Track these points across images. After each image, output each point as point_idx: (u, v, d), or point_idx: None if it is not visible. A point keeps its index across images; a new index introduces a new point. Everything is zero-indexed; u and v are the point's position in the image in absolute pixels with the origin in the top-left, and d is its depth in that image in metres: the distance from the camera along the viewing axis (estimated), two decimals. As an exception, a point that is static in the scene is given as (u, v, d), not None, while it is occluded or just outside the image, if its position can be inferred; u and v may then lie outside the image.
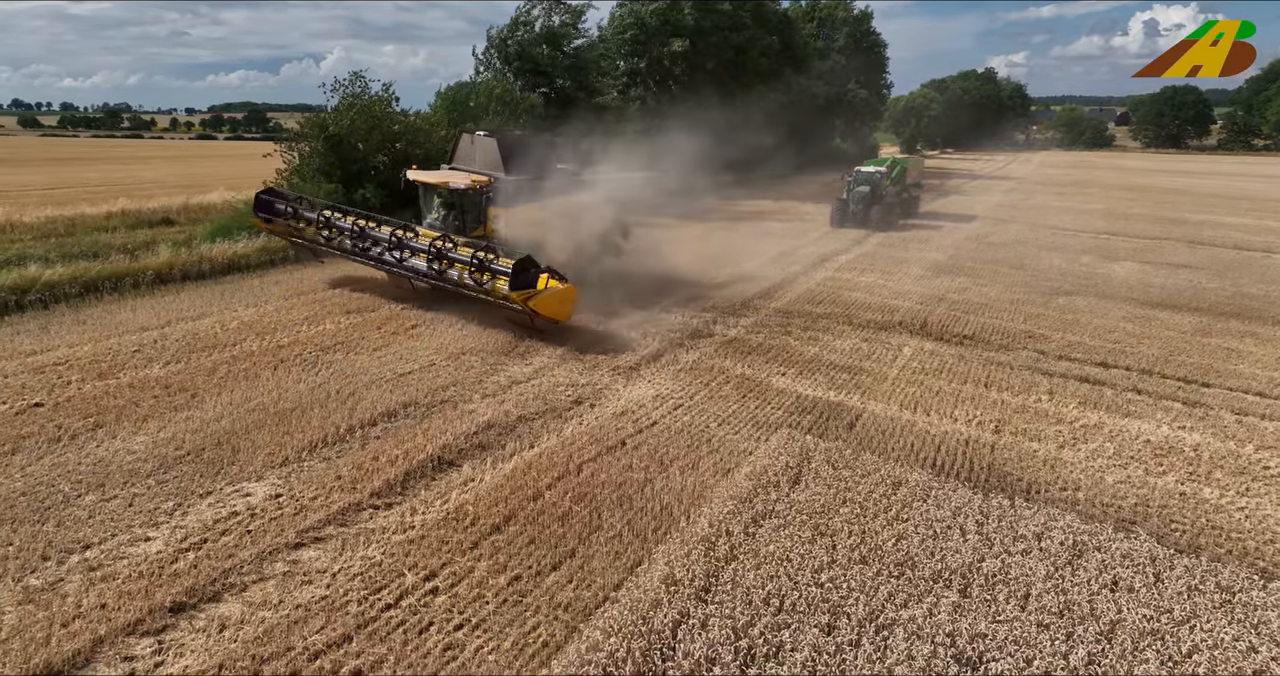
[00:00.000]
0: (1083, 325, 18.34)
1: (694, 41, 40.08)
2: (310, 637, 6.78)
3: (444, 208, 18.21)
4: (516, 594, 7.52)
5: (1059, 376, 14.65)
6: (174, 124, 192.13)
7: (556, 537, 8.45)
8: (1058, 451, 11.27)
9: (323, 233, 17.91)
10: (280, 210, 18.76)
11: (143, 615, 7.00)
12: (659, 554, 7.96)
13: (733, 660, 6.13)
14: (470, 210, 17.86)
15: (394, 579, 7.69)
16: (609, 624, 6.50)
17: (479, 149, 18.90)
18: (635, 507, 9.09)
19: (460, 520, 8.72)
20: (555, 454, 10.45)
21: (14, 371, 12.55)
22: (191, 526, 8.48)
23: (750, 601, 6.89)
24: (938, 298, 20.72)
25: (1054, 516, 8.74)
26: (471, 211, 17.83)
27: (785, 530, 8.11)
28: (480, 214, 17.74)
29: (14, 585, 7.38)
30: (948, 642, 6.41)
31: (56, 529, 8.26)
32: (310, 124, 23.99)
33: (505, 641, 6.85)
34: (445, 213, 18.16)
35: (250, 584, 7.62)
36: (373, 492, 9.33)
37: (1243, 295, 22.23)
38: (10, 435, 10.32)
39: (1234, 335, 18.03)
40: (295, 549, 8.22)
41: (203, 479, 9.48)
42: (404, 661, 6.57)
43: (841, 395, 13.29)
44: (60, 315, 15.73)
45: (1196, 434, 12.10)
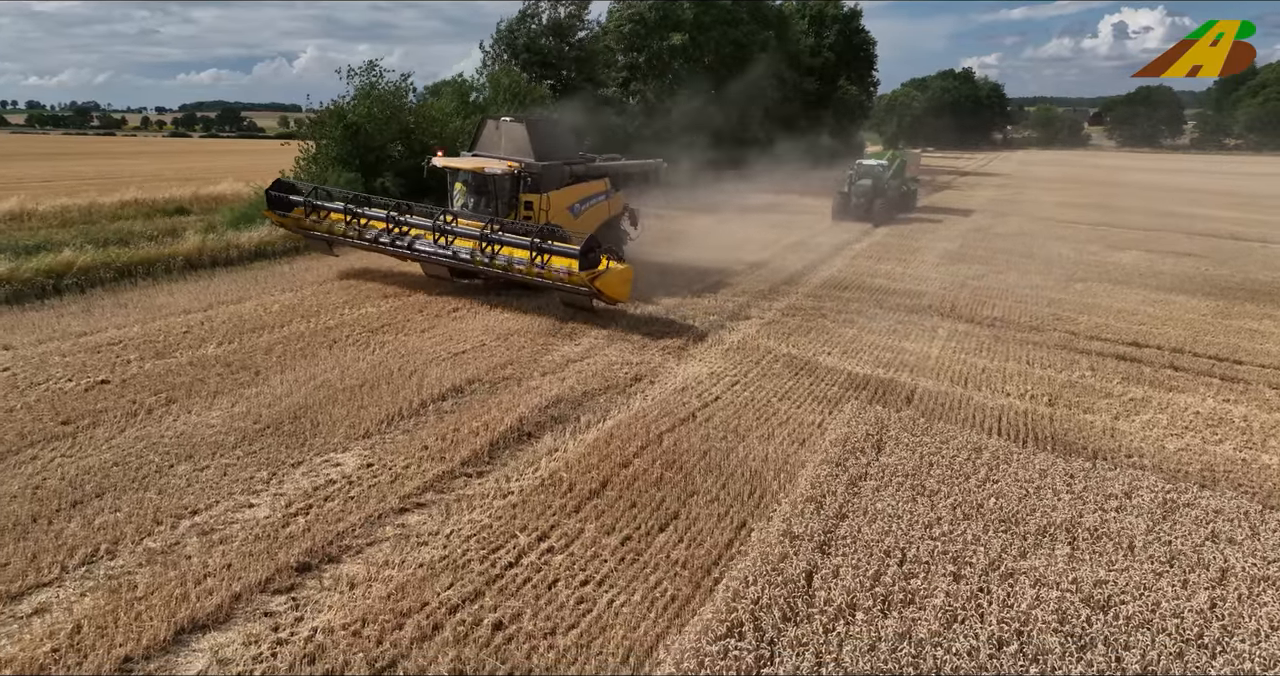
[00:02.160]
0: (1104, 308, 18.72)
1: (693, 36, 40.27)
2: (442, 594, 6.86)
3: (474, 194, 17.92)
4: (631, 553, 7.63)
5: (1095, 355, 14.97)
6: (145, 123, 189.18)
7: (656, 501, 8.57)
8: (1113, 422, 11.55)
9: (352, 223, 17.37)
10: (294, 202, 18.33)
11: (271, 574, 7.04)
12: (772, 512, 8.11)
13: (872, 605, 6.29)
14: (503, 196, 17.57)
15: (507, 540, 7.77)
16: (745, 574, 6.64)
17: (504, 134, 18.65)
18: (725, 473, 9.24)
19: (557, 486, 8.81)
20: (631, 425, 10.57)
21: (69, 351, 12.47)
22: (291, 494, 8.52)
23: (872, 553, 7.06)
24: (959, 283, 21.04)
25: (1137, 477, 9.00)
26: (504, 197, 17.56)
27: (884, 491, 8.29)
28: (513, 200, 17.54)
29: (134, 547, 7.39)
30: (1073, 588, 6.62)
31: (159, 496, 8.26)
32: (328, 112, 23.88)
33: (634, 595, 6.96)
34: (476, 199, 17.87)
35: (365, 546, 7.67)
36: (463, 461, 9.40)
37: (1252, 281, 22.77)
38: (86, 409, 10.27)
39: (1253, 317, 18.49)
40: (400, 513, 8.29)
41: (289, 450, 9.50)
42: (540, 614, 6.66)
43: (890, 372, 13.50)
44: (99, 298, 15.62)
45: (1241, 406, 12.44)
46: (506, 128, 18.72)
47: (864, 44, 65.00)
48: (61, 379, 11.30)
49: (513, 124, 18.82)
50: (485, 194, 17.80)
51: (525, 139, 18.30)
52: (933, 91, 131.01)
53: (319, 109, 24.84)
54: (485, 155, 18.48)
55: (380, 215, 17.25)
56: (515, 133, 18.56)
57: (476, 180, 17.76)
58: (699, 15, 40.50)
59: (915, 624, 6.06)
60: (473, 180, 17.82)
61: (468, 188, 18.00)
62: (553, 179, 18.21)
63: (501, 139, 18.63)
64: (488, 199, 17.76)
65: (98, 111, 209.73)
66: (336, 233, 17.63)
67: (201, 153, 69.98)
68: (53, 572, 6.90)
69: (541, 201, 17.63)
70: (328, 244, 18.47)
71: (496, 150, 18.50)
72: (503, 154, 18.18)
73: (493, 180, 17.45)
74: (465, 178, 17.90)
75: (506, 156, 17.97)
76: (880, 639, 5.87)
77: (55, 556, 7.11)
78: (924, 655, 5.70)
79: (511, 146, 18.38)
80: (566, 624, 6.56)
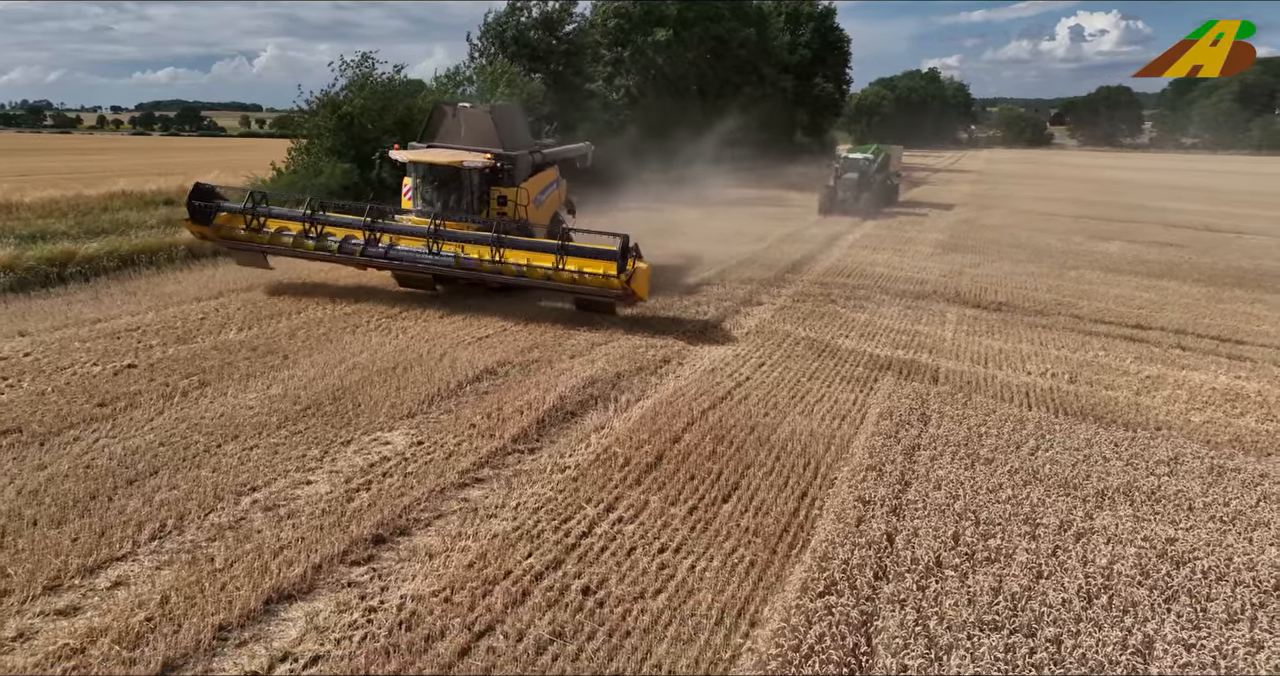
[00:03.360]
0: (1101, 294, 19.13)
1: (677, 32, 40.38)
2: (523, 562, 6.84)
3: (439, 191, 16.02)
4: (700, 522, 7.67)
5: (1103, 336, 15.30)
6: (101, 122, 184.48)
7: (714, 474, 8.62)
8: (1135, 398, 11.82)
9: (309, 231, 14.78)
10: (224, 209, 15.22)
11: (347, 546, 6.98)
12: (834, 481, 8.20)
13: (959, 563, 6.40)
14: (475, 191, 15.88)
15: (575, 511, 7.77)
16: (828, 536, 6.71)
17: (465, 123, 16.78)
18: (775, 446, 9.32)
19: (612, 460, 8.83)
20: (673, 403, 10.62)
21: (87, 337, 12.22)
22: (347, 471, 8.44)
23: (945, 516, 7.18)
24: (956, 271, 21.36)
25: (1181, 445, 9.25)
26: (476, 192, 15.88)
27: (941, 459, 8.43)
28: (484, 195, 16.02)
29: (200, 522, 7.29)
30: (1147, 546, 6.79)
31: (214, 474, 8.14)
32: (321, 103, 23.59)
33: (713, 561, 7.01)
34: (441, 196, 15.97)
35: (433, 519, 7.63)
36: (513, 438, 9.39)
37: (1236, 268, 23.40)
38: (120, 392, 10.08)
39: (1244, 301, 19.01)
40: (461, 488, 8.25)
41: (335, 429, 9.41)
42: (626, 579, 6.68)
43: (910, 353, 13.67)
44: (105, 286, 15.33)
45: (1253, 382, 12.78)
46: (467, 115, 16.98)
47: (838, 42, 65.60)
48: (86, 363, 11.08)
49: (474, 111, 17.19)
50: (454, 190, 15.97)
51: (491, 128, 16.65)
52: (900, 91, 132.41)
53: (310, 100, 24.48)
54: (443, 146, 16.49)
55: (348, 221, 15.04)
56: (478, 121, 16.88)
57: (444, 174, 15.89)
58: (683, 11, 40.64)
59: (1004, 580, 6.18)
60: (439, 175, 15.93)
61: (428, 183, 16.11)
62: (523, 170, 16.99)
63: (461, 128, 16.77)
64: (457, 195, 15.93)
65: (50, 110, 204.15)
66: (286, 244, 14.92)
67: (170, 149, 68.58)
68: (124, 547, 6.78)
69: (519, 195, 16.35)
70: (263, 255, 15.36)
71: (456, 140, 16.58)
72: (463, 144, 16.39)
73: (468, 174, 15.77)
74: (424, 171, 15.99)
75: (468, 147, 16.23)
76: (977, 592, 5.96)
77: (124, 531, 6.98)
78: (1021, 607, 5.81)
79: (474, 136, 16.60)
80: (653, 588, 6.58)
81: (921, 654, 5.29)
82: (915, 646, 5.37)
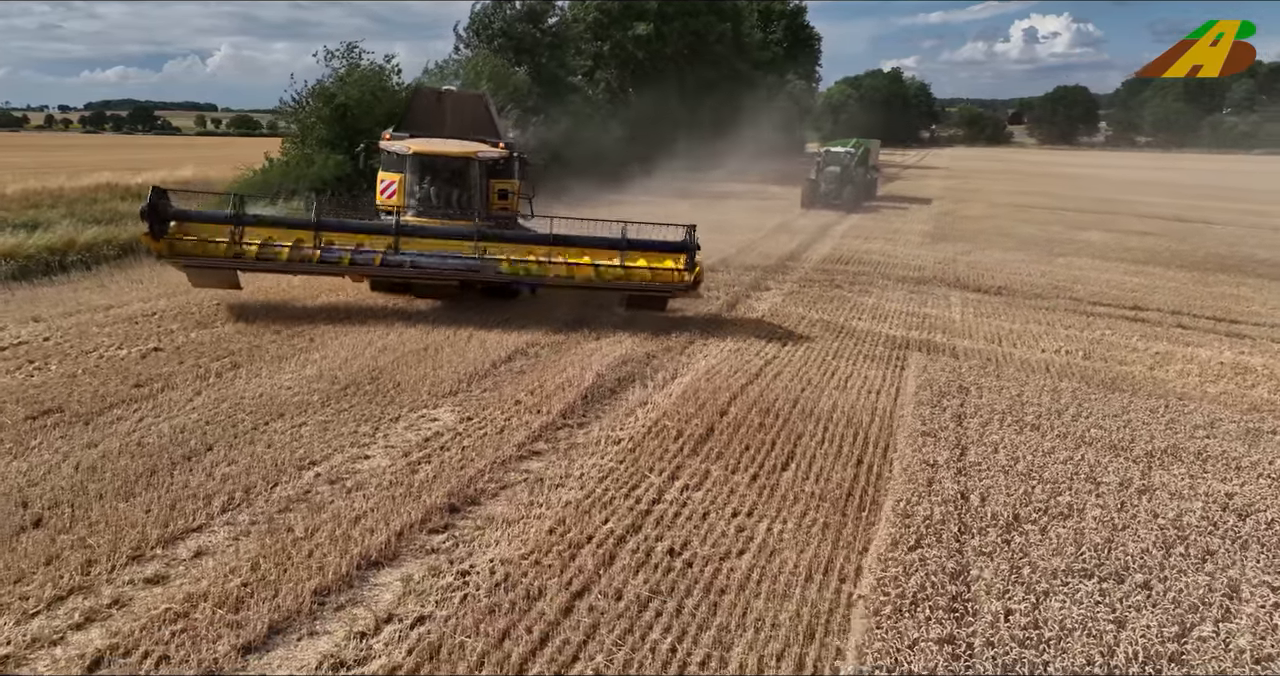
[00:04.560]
0: (1093, 279, 19.61)
1: (656, 26, 40.53)
2: (601, 526, 6.88)
3: (444, 186, 14.05)
4: (764, 488, 7.77)
5: (1105, 317, 15.70)
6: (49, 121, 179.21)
7: (767, 444, 8.73)
8: (1149, 372, 12.15)
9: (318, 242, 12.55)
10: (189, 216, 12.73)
11: (424, 515, 6.96)
12: (889, 447, 8.35)
13: (1037, 517, 6.56)
14: (481, 186, 14.17)
15: (640, 480, 7.82)
16: (904, 496, 6.84)
17: (452, 109, 15.16)
18: (822, 418, 9.46)
19: (664, 433, 8.89)
20: (710, 379, 10.72)
21: (104, 322, 12.00)
22: (402, 445, 8.40)
23: (1010, 476, 7.36)
24: (950, 259, 21.74)
25: (1214, 411, 9.57)
26: (481, 187, 14.17)
27: (990, 426, 8.63)
28: (487, 189, 14.39)
29: (268, 494, 7.21)
30: (1208, 500, 7.02)
31: (268, 450, 8.06)
32: (314, 93, 23.31)
33: (787, 524, 7.10)
34: (449, 192, 14.05)
35: (499, 490, 7.63)
36: (560, 413, 9.41)
37: (1215, 255, 24.11)
38: (153, 374, 9.91)
39: (1228, 285, 19.61)
40: (520, 460, 8.27)
41: (379, 407, 9.36)
42: (707, 541, 6.74)
43: (925, 334, 13.91)
44: (108, 275, 15.06)
45: (1257, 357, 13.21)
46: (455, 100, 15.45)
47: (809, 39, 66.29)
48: (110, 347, 10.87)
49: (465, 95, 15.83)
50: (456, 185, 14.06)
51: (484, 113, 15.31)
52: (865, 90, 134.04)
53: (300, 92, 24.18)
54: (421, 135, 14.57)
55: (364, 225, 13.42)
56: (469, 106, 15.39)
57: (449, 168, 14.00)
58: (662, 5, 40.78)
59: (1082, 532, 6.35)
60: (440, 169, 13.99)
61: (424, 178, 14.06)
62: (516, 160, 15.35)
63: (447, 114, 15.08)
64: (460, 191, 14.05)
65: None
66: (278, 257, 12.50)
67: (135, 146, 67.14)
68: (198, 519, 6.69)
69: (525, 188, 15.08)
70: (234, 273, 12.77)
71: (441, 128, 14.80)
72: (450, 133, 14.68)
73: (476, 167, 14.04)
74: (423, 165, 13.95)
75: (456, 135, 14.62)
76: (1060, 544, 6.13)
77: (194, 504, 6.89)
78: (1105, 557, 5.99)
79: (463, 123, 14.98)
80: (736, 549, 6.66)
81: (1022, 598, 5.43)
82: (1015, 592, 5.51)
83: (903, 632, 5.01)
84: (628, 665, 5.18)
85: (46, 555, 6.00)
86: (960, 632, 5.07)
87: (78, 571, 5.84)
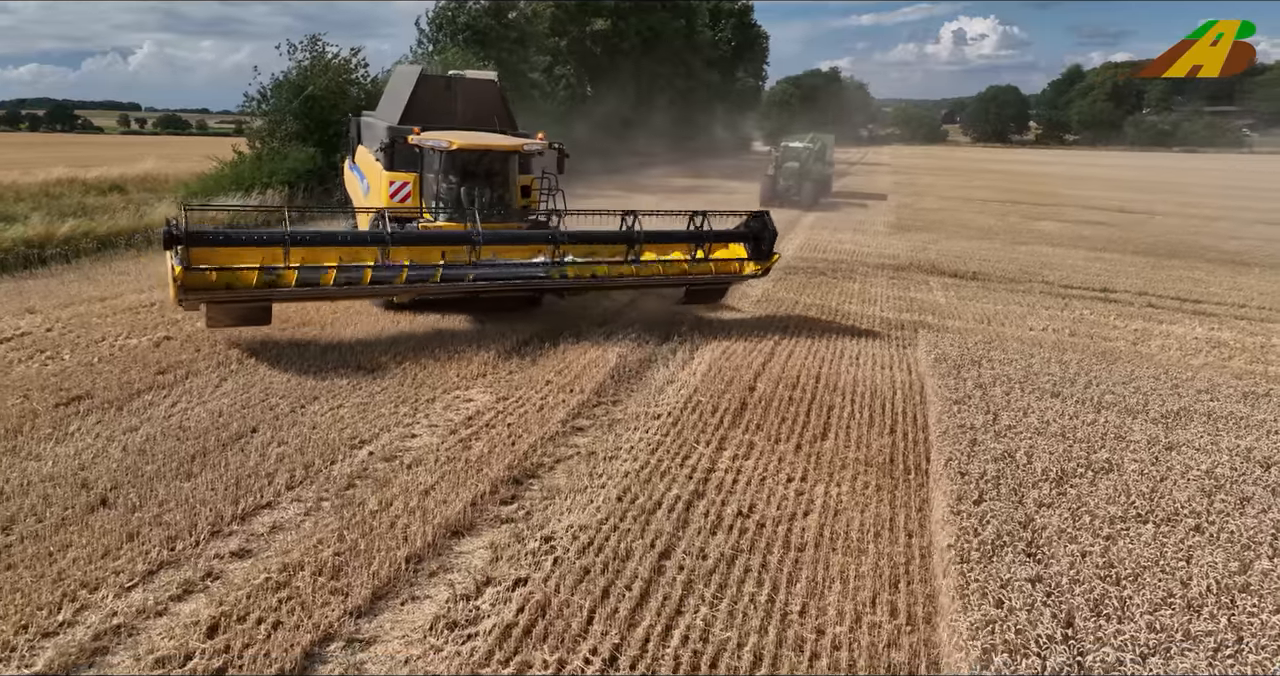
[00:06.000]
0: (1058, 264, 20.38)
1: (614, 22, 40.70)
2: (667, 493, 7.04)
3: (478, 184, 12.37)
4: (810, 456, 8.02)
5: (1079, 299, 16.37)
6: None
7: (800, 415, 8.99)
8: (1134, 347, 12.75)
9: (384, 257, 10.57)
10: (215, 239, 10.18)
11: (491, 486, 7.04)
12: (922, 413, 8.68)
13: (1083, 471, 6.94)
14: (513, 182, 12.88)
15: (692, 449, 8.00)
16: (953, 456, 7.14)
17: (463, 96, 13.84)
18: (846, 391, 9.78)
19: (700, 408, 9.09)
20: (729, 357, 10.96)
21: (102, 313, 11.72)
22: (445, 424, 8.44)
23: (1047, 436, 7.74)
24: (920, 248, 22.35)
25: (1213, 376, 10.13)
26: (512, 184, 12.89)
27: (1013, 393, 9.02)
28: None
29: (328, 471, 7.21)
30: (1232, 453, 7.49)
31: (313, 431, 8.03)
32: (283, 86, 22.88)
33: (841, 486, 7.36)
34: (482, 190, 12.37)
35: (554, 463, 7.74)
36: (594, 391, 9.55)
37: (1165, 243, 25.25)
38: (173, 361, 9.74)
39: (1183, 269, 20.59)
40: (567, 436, 8.39)
41: (411, 389, 9.36)
42: (771, 503, 6.96)
43: (915, 315, 14.36)
44: (91, 268, 14.65)
45: (1226, 332, 13.95)
46: (467, 87, 14.11)
47: (757, 38, 67.15)
48: (119, 336, 10.64)
49: (477, 82, 14.41)
50: (488, 182, 12.53)
51: (498, 100, 14.21)
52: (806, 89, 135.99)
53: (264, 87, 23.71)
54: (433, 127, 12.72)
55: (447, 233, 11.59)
56: (483, 93, 14.13)
57: (486, 164, 12.46)
58: (619, 2, 40.97)
59: (1127, 484, 6.74)
60: (476, 165, 12.38)
61: (455, 176, 12.36)
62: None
63: (458, 102, 13.85)
64: (493, 188, 12.54)
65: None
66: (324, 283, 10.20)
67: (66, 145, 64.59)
68: (266, 496, 6.67)
69: (555, 182, 13.75)
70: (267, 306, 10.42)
71: (451, 118, 13.53)
72: (461, 123, 13.43)
73: (515, 162, 12.84)
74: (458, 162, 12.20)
75: (468, 125, 13.38)
76: (1112, 495, 6.49)
77: (258, 482, 6.85)
78: (1155, 504, 6.37)
79: (475, 111, 13.77)
80: (801, 511, 6.89)
81: (1091, 542, 5.76)
82: (1083, 537, 5.84)
83: (994, 574, 5.28)
84: (732, 614, 5.36)
85: (126, 532, 5.94)
86: (1046, 572, 5.37)
87: (162, 546, 5.81)
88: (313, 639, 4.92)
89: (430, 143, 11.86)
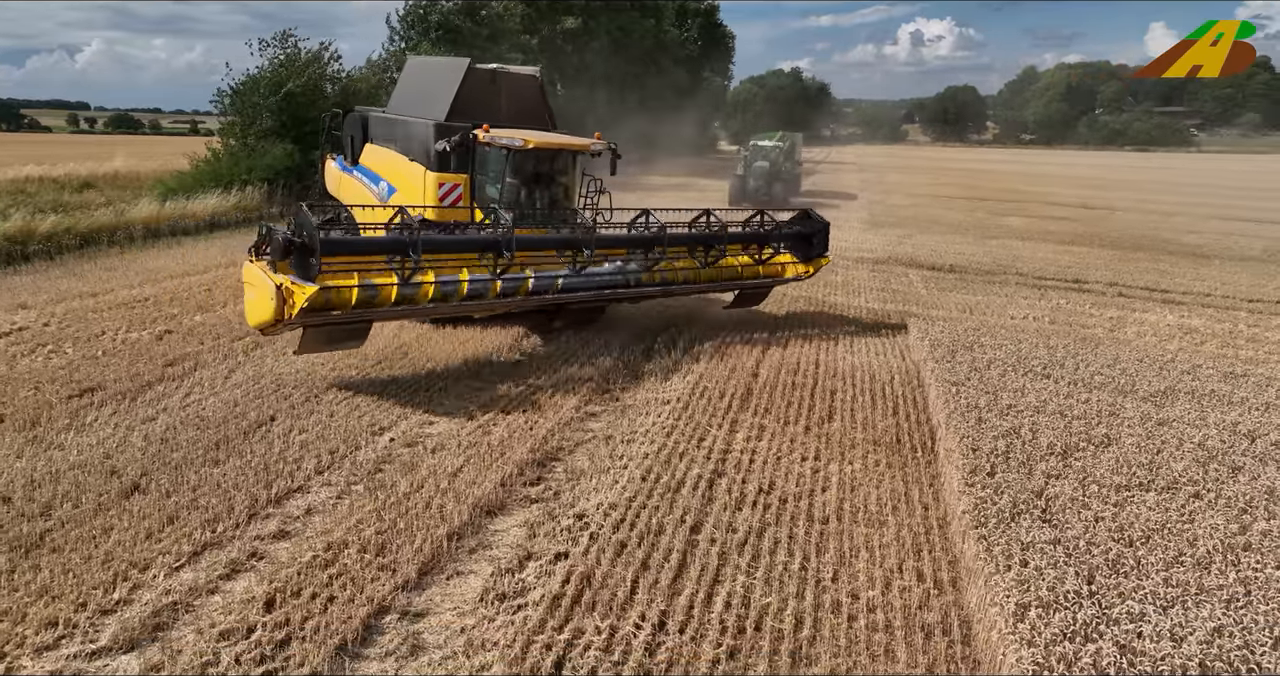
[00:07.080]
0: (1029, 258, 20.91)
1: (584, 21, 40.79)
2: (688, 472, 7.24)
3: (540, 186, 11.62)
4: (820, 437, 8.28)
5: (1054, 289, 16.88)
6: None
7: (805, 401, 9.25)
8: (1110, 333, 13.21)
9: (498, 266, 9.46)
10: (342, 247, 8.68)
11: (517, 468, 7.19)
12: (923, 396, 8.99)
13: (1084, 445, 7.27)
14: (574, 184, 12.25)
15: (706, 432, 8.22)
16: (962, 433, 7.43)
17: (506, 91, 12.86)
18: (845, 375, 10.07)
19: (708, 394, 9.30)
20: (731, 346, 11.24)
21: (97, 308, 11.61)
22: (464, 411, 8.55)
23: (1046, 414, 8.07)
24: (895, 242, 22.79)
25: (1188, 359, 10.58)
26: (573, 185, 12.25)
27: (1009, 375, 9.35)
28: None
29: (353, 456, 7.31)
30: (1219, 427, 7.89)
31: (331, 418, 8.10)
32: (259, 82, 22.67)
33: (854, 464, 7.63)
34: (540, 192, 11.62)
35: (574, 446, 7.91)
36: (601, 379, 9.72)
37: (1128, 237, 26.00)
38: (178, 354, 9.73)
39: (1148, 261, 21.24)
40: (582, 421, 8.59)
41: (424, 378, 9.45)
42: (790, 481, 7.20)
43: (901, 305, 14.73)
44: (78, 264, 14.46)
45: (1195, 320, 14.48)
46: (511, 82, 13.12)
47: (723, 37, 67.55)
48: (120, 330, 10.58)
49: (520, 77, 13.47)
50: (546, 184, 11.72)
51: (539, 96, 13.39)
52: (769, 89, 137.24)
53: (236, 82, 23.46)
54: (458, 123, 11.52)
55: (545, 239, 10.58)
56: (525, 88, 13.22)
57: (549, 165, 11.68)
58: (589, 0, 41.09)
59: (1127, 456, 7.08)
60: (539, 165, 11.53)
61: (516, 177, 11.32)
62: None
63: (502, 98, 12.79)
64: (552, 190, 11.81)
65: None
66: (460, 295, 9.35)
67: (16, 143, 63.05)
68: (297, 481, 6.75)
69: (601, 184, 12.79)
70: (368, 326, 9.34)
71: (494, 114, 12.17)
72: (505, 120, 12.19)
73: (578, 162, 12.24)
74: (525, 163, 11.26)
75: (512, 122, 12.25)
76: (1115, 466, 6.83)
77: (287, 467, 6.94)
78: (1156, 473, 6.72)
79: (518, 107, 12.89)
80: (819, 487, 7.14)
81: (1101, 508, 6.08)
82: (1093, 503, 6.16)
83: (1015, 538, 5.56)
84: (769, 581, 5.58)
85: (165, 516, 6.00)
86: (1063, 536, 5.67)
87: (204, 529, 5.87)
88: (369, 611, 5.04)
89: (504, 141, 10.75)
